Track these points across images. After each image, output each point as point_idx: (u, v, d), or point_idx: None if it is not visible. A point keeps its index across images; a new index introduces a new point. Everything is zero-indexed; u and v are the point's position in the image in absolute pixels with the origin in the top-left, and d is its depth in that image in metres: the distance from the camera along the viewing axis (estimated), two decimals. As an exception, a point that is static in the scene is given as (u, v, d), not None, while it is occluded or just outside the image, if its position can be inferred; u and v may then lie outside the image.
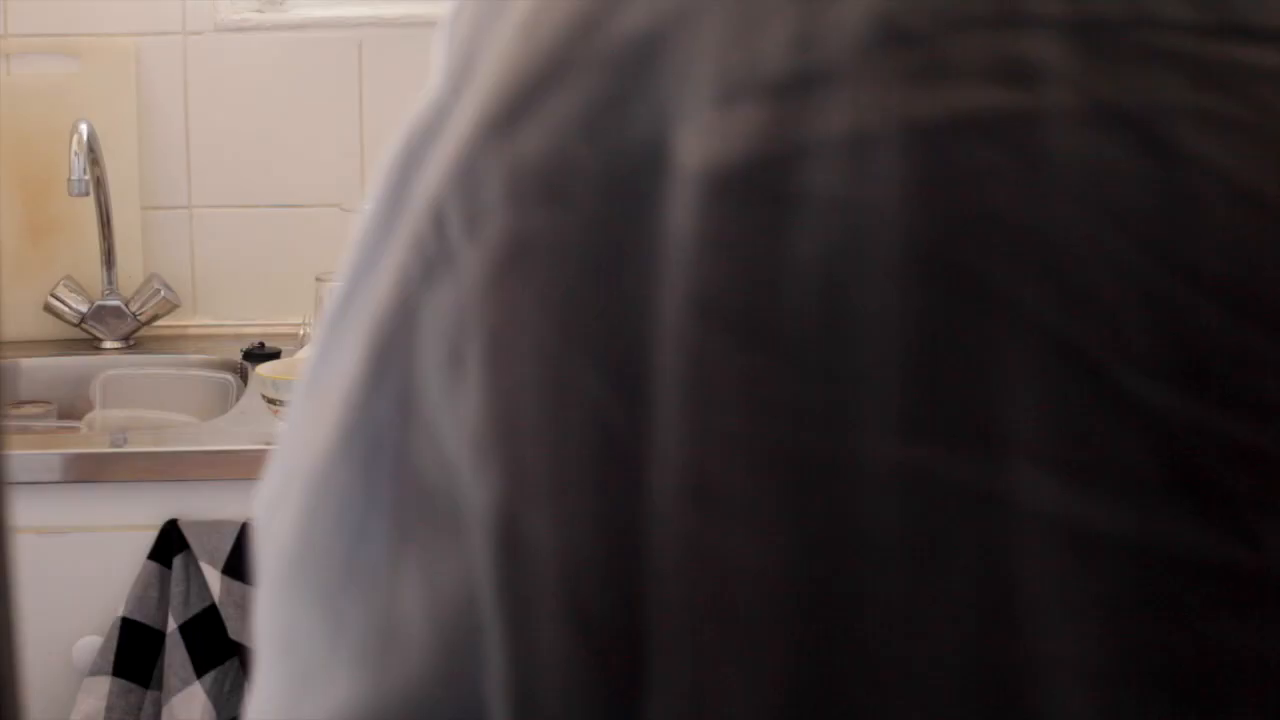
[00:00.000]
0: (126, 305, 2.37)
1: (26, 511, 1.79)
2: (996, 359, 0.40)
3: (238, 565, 1.79)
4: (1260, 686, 0.40)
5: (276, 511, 0.50)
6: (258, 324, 2.43)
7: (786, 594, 0.41)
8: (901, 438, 0.40)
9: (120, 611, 1.80)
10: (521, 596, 0.42)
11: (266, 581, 0.50)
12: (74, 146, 2.22)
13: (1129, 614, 0.41)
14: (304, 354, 2.01)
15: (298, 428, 0.50)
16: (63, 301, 2.36)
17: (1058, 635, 0.41)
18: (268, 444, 1.85)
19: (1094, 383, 0.40)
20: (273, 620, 0.49)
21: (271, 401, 1.84)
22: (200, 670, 1.80)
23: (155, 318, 2.39)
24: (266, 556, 0.50)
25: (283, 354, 2.21)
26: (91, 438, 2.13)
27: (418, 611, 0.44)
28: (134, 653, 1.80)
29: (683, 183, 0.40)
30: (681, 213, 0.40)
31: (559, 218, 0.41)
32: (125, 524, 1.83)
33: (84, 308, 2.36)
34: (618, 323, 0.41)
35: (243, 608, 1.80)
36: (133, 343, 2.38)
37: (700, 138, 0.40)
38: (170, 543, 1.81)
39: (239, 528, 1.80)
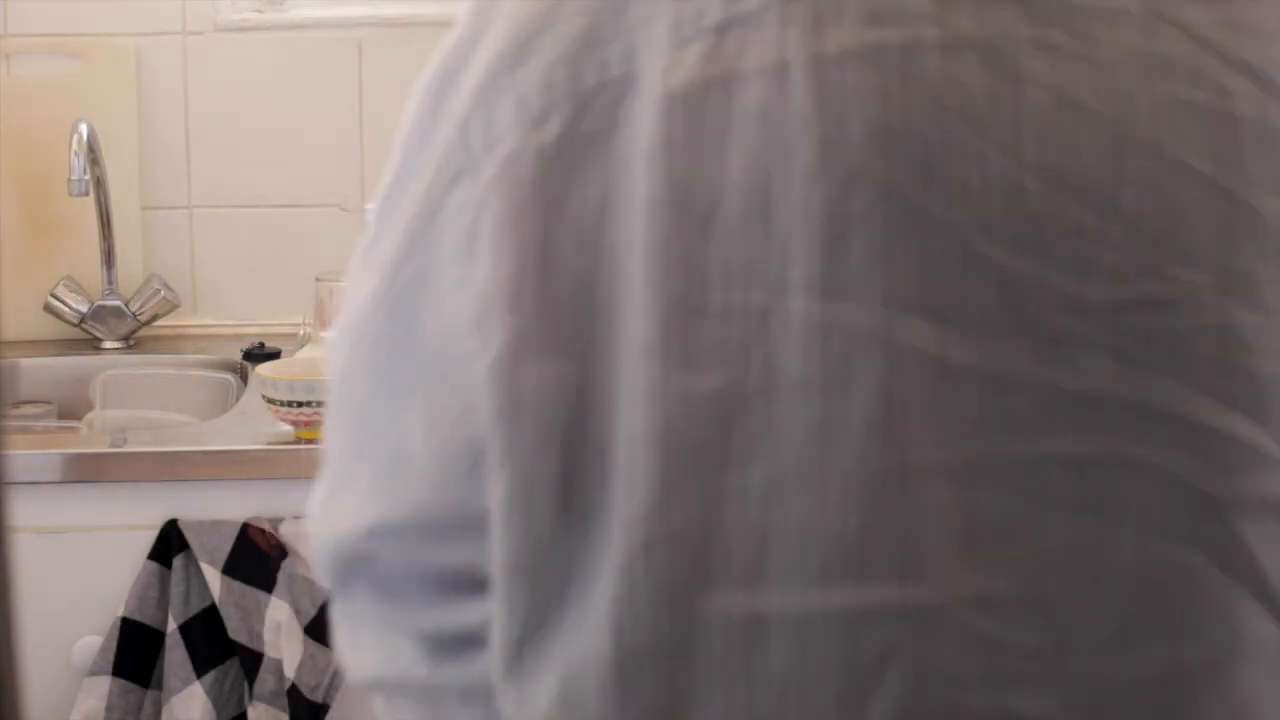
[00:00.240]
0: (126, 305, 2.37)
1: (26, 511, 1.79)
2: (885, 233, 0.57)
3: (238, 565, 1.79)
4: (1077, 481, 0.59)
5: (333, 350, 0.67)
6: (258, 324, 2.43)
7: (722, 421, 0.59)
8: (819, 296, 0.57)
9: (120, 611, 1.80)
10: (518, 428, 0.59)
11: (327, 404, 0.67)
12: (74, 146, 2.22)
13: (981, 427, 0.58)
14: (304, 354, 2.01)
15: (353, 287, 0.66)
16: (63, 301, 2.36)
17: (929, 445, 0.58)
18: (268, 444, 1.85)
19: (955, 247, 0.57)
20: (325, 437, 0.67)
21: (271, 401, 1.84)
22: (200, 670, 1.80)
23: (155, 318, 2.39)
24: (328, 385, 0.67)
25: (283, 354, 2.21)
26: (91, 438, 2.13)
27: (421, 447, 0.62)
28: (134, 653, 1.80)
29: (650, 103, 0.58)
30: (647, 127, 0.58)
31: (550, 133, 0.59)
32: (125, 524, 1.83)
33: (84, 308, 2.36)
34: (595, 211, 0.58)
35: (243, 608, 1.80)
36: (133, 343, 2.38)
37: (663, 72, 0.57)
38: (170, 543, 1.81)
39: (239, 528, 1.80)
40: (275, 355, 2.24)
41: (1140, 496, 0.60)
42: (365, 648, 0.71)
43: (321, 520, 0.69)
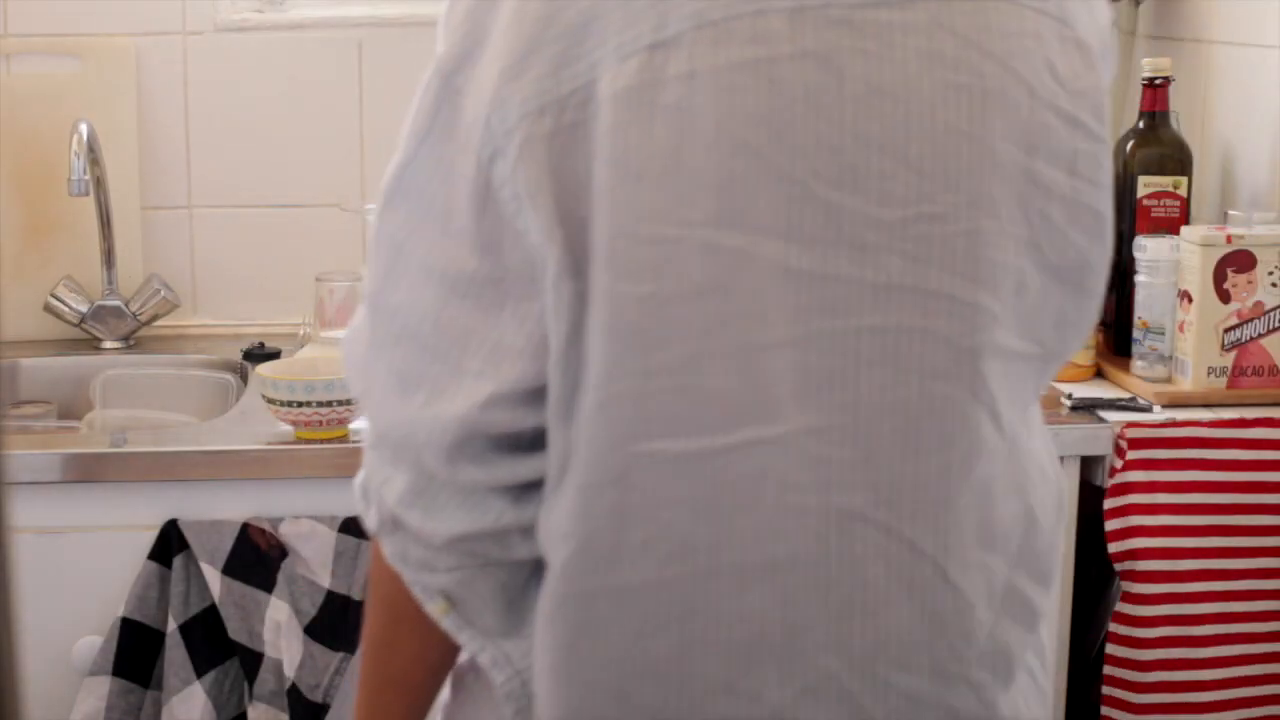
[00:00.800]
0: (126, 305, 2.37)
1: (26, 511, 1.79)
2: (753, 182, 0.88)
3: (238, 565, 1.79)
4: (879, 345, 0.90)
5: (416, 294, 0.95)
6: (258, 324, 2.43)
7: (650, 316, 0.89)
8: (710, 227, 0.87)
9: (120, 611, 1.80)
10: (560, 324, 0.89)
11: (401, 344, 0.95)
12: (74, 146, 2.22)
13: (813, 311, 0.89)
14: (304, 354, 2.01)
15: (427, 247, 0.94)
16: (63, 301, 2.36)
17: (779, 325, 0.89)
18: (268, 444, 1.85)
19: (798, 190, 0.88)
20: (405, 367, 0.95)
21: (271, 401, 1.84)
22: (200, 670, 1.80)
23: (155, 318, 2.39)
24: (405, 325, 0.95)
25: (283, 354, 2.21)
26: (91, 438, 2.13)
27: (513, 339, 0.91)
28: (134, 653, 1.80)
29: (605, 100, 0.87)
30: (604, 116, 0.87)
31: (546, 125, 0.88)
32: (125, 524, 1.83)
33: (84, 308, 2.36)
34: (582, 173, 0.88)
35: (243, 607, 1.80)
36: (133, 343, 2.39)
37: (612, 79, 0.86)
38: (170, 543, 1.81)
39: (239, 528, 1.80)
40: (275, 355, 2.24)
41: (921, 352, 0.91)
42: (447, 514, 0.95)
43: (424, 417, 0.93)
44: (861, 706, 0.94)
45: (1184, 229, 1.98)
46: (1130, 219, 2.11)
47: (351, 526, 1.83)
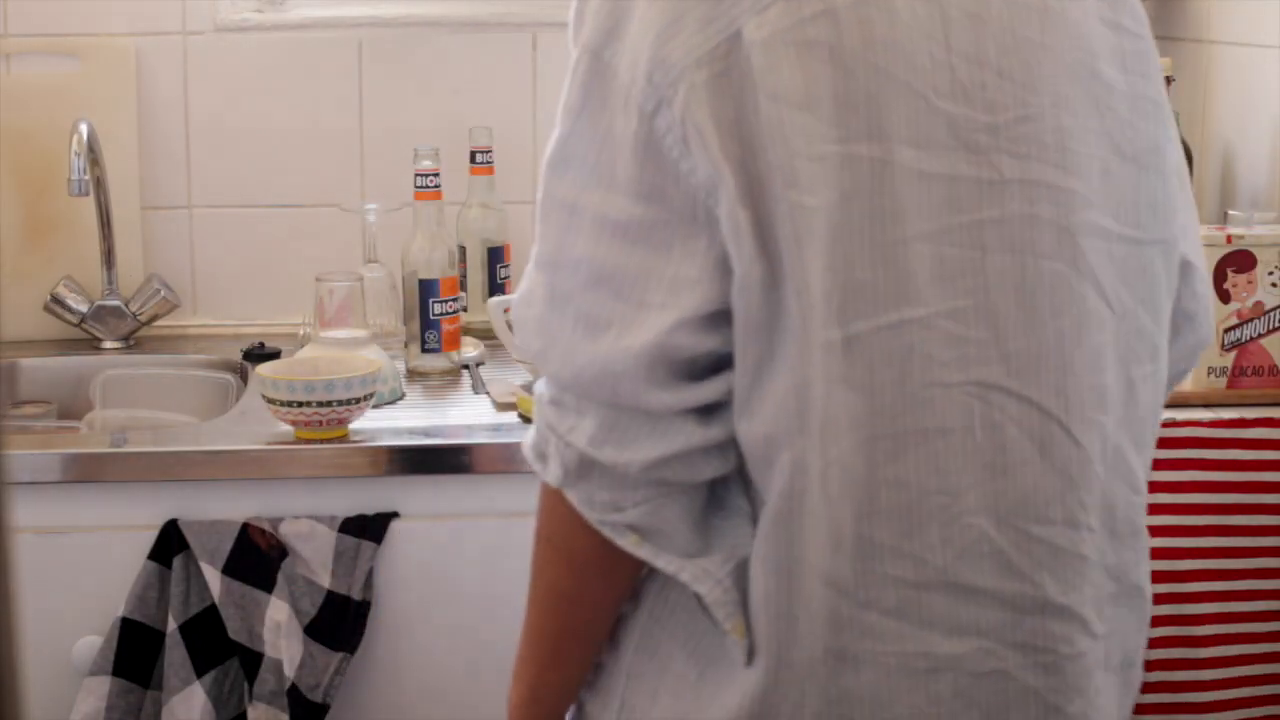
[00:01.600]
0: (126, 305, 2.37)
1: (26, 511, 1.79)
2: (884, 99, 1.03)
3: (238, 565, 1.79)
4: (998, 232, 1.06)
5: (595, 247, 1.06)
6: (258, 324, 2.43)
7: (820, 219, 1.02)
8: (847, 142, 1.02)
9: (120, 611, 1.80)
10: (741, 245, 1.02)
11: (580, 295, 1.07)
12: (74, 146, 2.22)
13: (943, 207, 1.04)
14: (304, 354, 2.01)
15: (597, 197, 1.06)
16: (63, 302, 2.36)
17: (915, 221, 1.05)
18: (268, 444, 1.85)
19: (922, 104, 1.03)
20: (590, 311, 1.06)
21: (271, 401, 1.84)
22: (200, 670, 1.80)
23: (155, 318, 2.39)
24: (573, 284, 1.08)
25: (283, 354, 2.21)
26: (91, 438, 2.13)
27: (690, 270, 1.04)
28: (134, 653, 1.80)
29: (752, 47, 1.01)
30: (756, 60, 1.01)
31: (703, 75, 1.02)
32: (125, 524, 1.83)
33: (84, 308, 2.36)
34: (743, 110, 1.01)
35: (243, 607, 1.80)
36: (133, 343, 2.39)
37: (756, 27, 1.01)
38: (170, 543, 1.81)
39: (239, 528, 1.80)
40: (275, 355, 2.24)
41: (1031, 236, 1.06)
42: (641, 443, 1.06)
43: (618, 349, 1.04)
44: (1010, 561, 1.07)
45: (1184, 229, 1.98)
46: (1130, 219, 2.11)
47: (351, 526, 1.83)
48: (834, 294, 1.02)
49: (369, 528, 1.84)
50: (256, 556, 1.80)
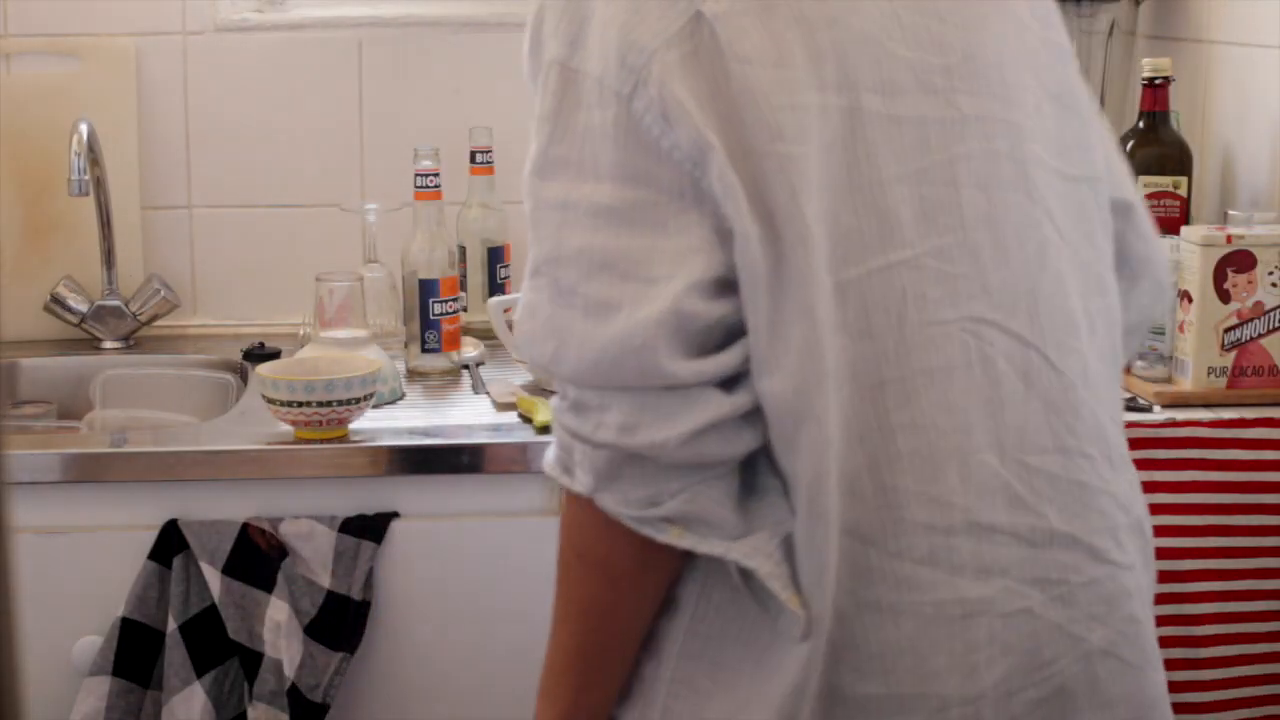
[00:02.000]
0: (126, 305, 2.37)
1: (26, 511, 1.79)
2: (853, 53, 1.08)
3: (238, 565, 1.79)
4: (968, 169, 1.11)
5: (592, 230, 1.07)
6: (258, 324, 2.43)
7: (793, 169, 1.05)
8: (819, 92, 1.06)
9: (120, 611, 1.80)
10: (737, 206, 1.04)
11: (586, 273, 1.07)
12: (74, 146, 2.22)
13: (916, 149, 1.09)
14: (304, 354, 2.01)
15: (579, 189, 1.08)
16: (63, 302, 2.36)
17: (891, 164, 1.09)
18: (268, 444, 1.85)
19: (886, 54, 1.09)
20: (595, 291, 1.07)
21: (271, 401, 1.84)
22: (200, 670, 1.80)
23: (155, 318, 2.39)
24: (585, 254, 1.08)
25: (283, 354, 2.21)
26: (91, 438, 2.13)
27: (690, 241, 1.05)
28: (134, 653, 1.80)
29: (715, 20, 1.06)
30: (722, 32, 1.06)
31: (671, 55, 1.06)
32: (125, 524, 1.83)
33: (84, 308, 2.36)
34: (716, 82, 1.05)
35: (242, 607, 1.80)
36: (133, 343, 2.39)
37: (714, 2, 1.06)
38: (170, 543, 1.81)
39: (239, 528, 1.80)
40: (275, 355, 2.24)
41: (994, 169, 1.11)
42: (675, 417, 1.05)
43: (634, 323, 1.04)
44: (1017, 494, 1.09)
45: (1184, 229, 1.98)
46: (1130, 219, 2.11)
47: (351, 526, 1.83)
48: (824, 242, 1.05)
49: (369, 528, 1.84)
50: (256, 556, 1.80)
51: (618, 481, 1.07)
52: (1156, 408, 1.94)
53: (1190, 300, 1.94)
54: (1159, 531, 1.85)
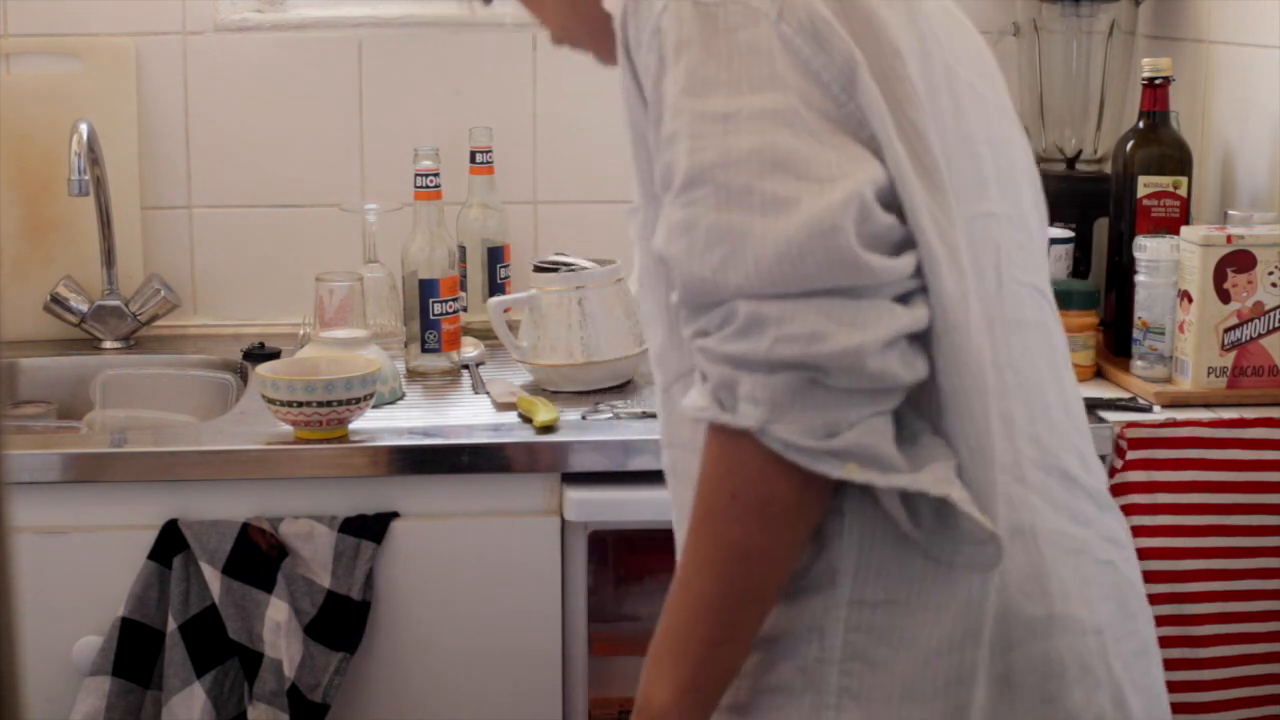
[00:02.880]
0: (126, 305, 2.37)
1: (26, 511, 1.79)
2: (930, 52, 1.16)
3: (238, 565, 1.79)
4: (1002, 151, 1.22)
5: (758, 144, 1.06)
6: (258, 324, 2.43)
7: (916, 116, 1.10)
8: (917, 60, 1.13)
9: (120, 611, 1.80)
10: (885, 126, 1.08)
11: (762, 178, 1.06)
12: (74, 146, 2.22)
13: (989, 118, 1.20)
14: (304, 354, 2.01)
15: (748, 111, 1.07)
16: (63, 302, 2.36)
17: (976, 124, 1.18)
18: (268, 444, 1.85)
19: (953, 24, 1.22)
20: (779, 194, 1.05)
21: (271, 401, 1.84)
22: (200, 670, 1.80)
23: (155, 318, 2.39)
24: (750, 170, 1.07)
25: (283, 354, 2.21)
26: (91, 438, 2.13)
27: (855, 150, 1.06)
28: (134, 653, 1.80)
29: None
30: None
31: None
32: (125, 524, 1.83)
33: (84, 308, 2.36)
34: (852, 6, 1.10)
35: (242, 607, 1.80)
36: (133, 343, 2.38)
37: None
38: (170, 543, 1.81)
39: (239, 528, 1.80)
40: (275, 355, 2.24)
41: (1012, 155, 1.21)
42: (872, 319, 1.03)
43: (820, 205, 1.03)
44: (1083, 455, 1.21)
45: (1184, 229, 1.98)
46: (1130, 219, 2.11)
47: (351, 526, 1.83)
48: (950, 177, 1.10)
49: (369, 528, 1.84)
50: (256, 556, 1.80)
51: (796, 410, 1.03)
52: (1156, 408, 1.94)
53: (1190, 300, 1.94)
54: (1159, 531, 1.86)
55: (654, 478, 1.37)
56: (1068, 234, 2.20)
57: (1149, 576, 1.83)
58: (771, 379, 1.02)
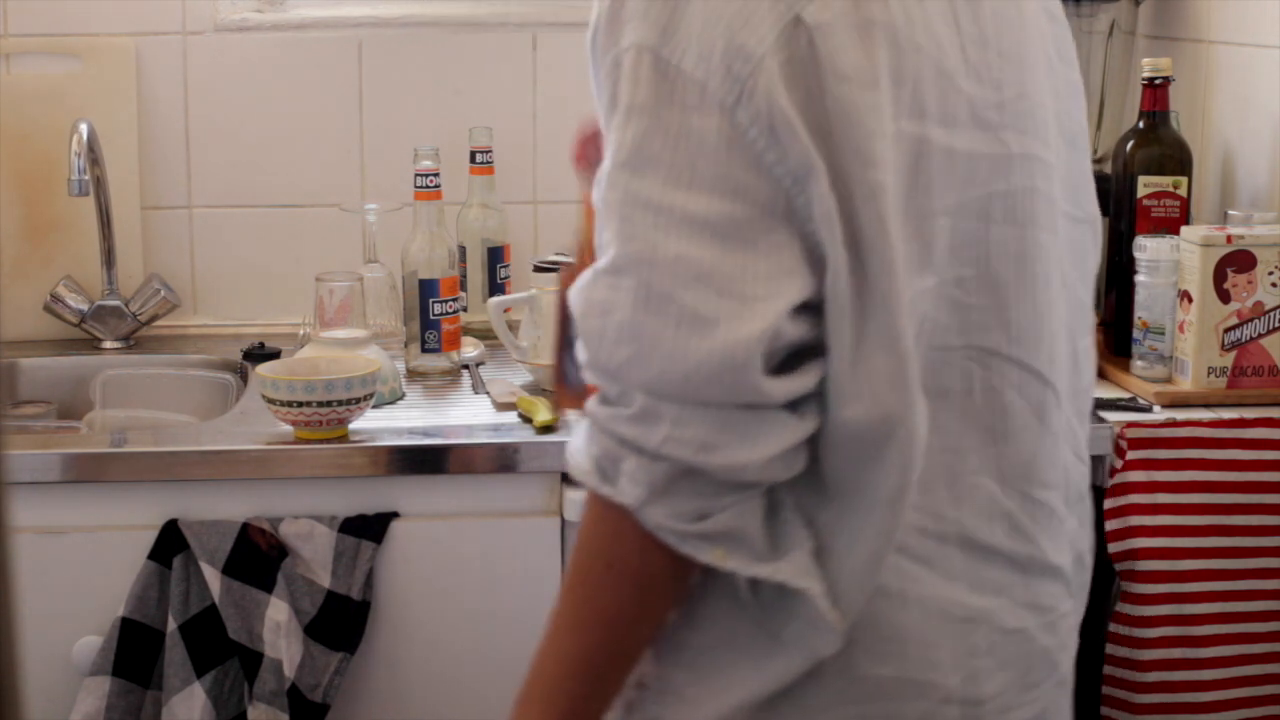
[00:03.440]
0: (126, 305, 2.37)
1: (26, 511, 1.79)
2: (921, 83, 1.07)
3: (237, 565, 1.79)
4: (1003, 205, 1.11)
5: (697, 238, 1.04)
6: (258, 324, 2.43)
7: (875, 184, 1.04)
8: (893, 120, 1.05)
9: (120, 611, 1.80)
10: (830, 230, 1.02)
11: (694, 275, 1.03)
12: (74, 146, 2.22)
13: (962, 182, 1.09)
14: (304, 354, 2.01)
15: (682, 204, 1.04)
16: (63, 301, 2.36)
17: (940, 195, 1.09)
18: (268, 444, 1.85)
19: (951, 86, 1.08)
20: (694, 293, 1.03)
21: (271, 401, 1.84)
22: (200, 670, 1.80)
23: (155, 318, 2.39)
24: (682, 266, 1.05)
25: (283, 354, 2.21)
26: (91, 438, 2.13)
27: (785, 261, 1.03)
28: (134, 653, 1.80)
29: (815, 30, 1.03)
30: (821, 44, 1.03)
31: (776, 60, 1.02)
32: (125, 524, 1.83)
33: (84, 308, 2.36)
34: (812, 94, 1.02)
35: (242, 607, 1.80)
36: (133, 343, 2.39)
37: (818, 9, 1.03)
38: (170, 543, 1.81)
39: (239, 528, 1.80)
40: (275, 355, 2.24)
41: (1032, 207, 1.12)
42: (759, 438, 1.04)
43: (732, 341, 1.02)
44: (1018, 523, 1.13)
45: (1184, 229, 1.98)
46: (1130, 219, 2.11)
47: (351, 526, 1.83)
48: (881, 259, 1.06)
49: (369, 528, 1.84)
50: (256, 556, 1.80)
51: (671, 496, 1.05)
52: (1156, 408, 1.94)
53: (1190, 300, 1.94)
54: (1159, 531, 1.86)
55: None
56: (1068, 234, 2.20)
57: (1149, 576, 1.84)
58: (654, 465, 1.04)
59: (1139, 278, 2.01)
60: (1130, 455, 1.85)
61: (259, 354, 2.27)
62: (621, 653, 1.13)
